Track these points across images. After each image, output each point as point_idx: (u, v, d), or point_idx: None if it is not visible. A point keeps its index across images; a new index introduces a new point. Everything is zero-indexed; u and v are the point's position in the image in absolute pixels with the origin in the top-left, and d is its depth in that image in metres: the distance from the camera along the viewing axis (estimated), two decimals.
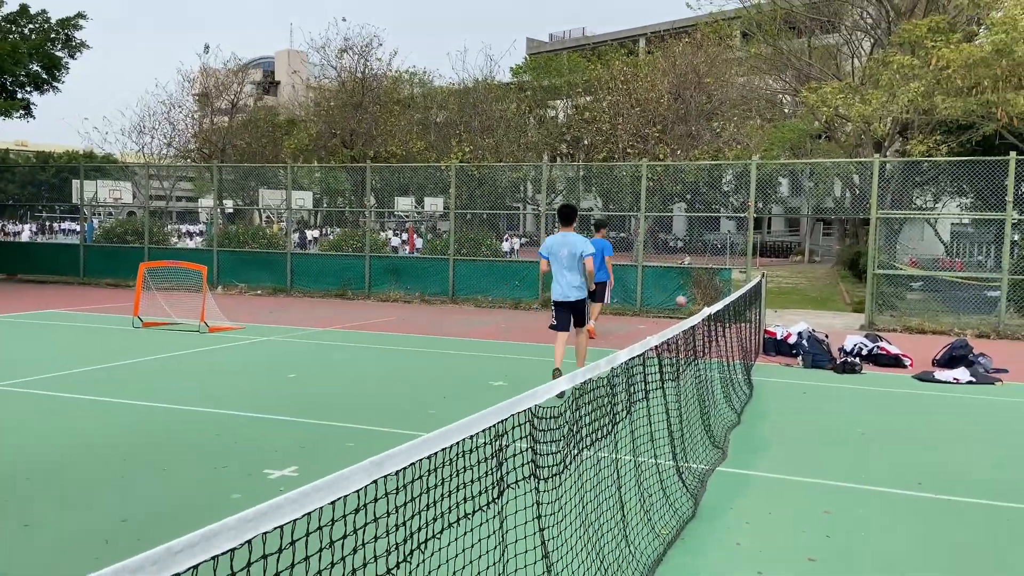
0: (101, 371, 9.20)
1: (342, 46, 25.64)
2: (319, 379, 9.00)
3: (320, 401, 7.83)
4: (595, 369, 3.73)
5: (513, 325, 14.62)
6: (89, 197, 25.73)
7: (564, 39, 72.77)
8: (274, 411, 7.30)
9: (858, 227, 44.06)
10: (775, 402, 8.42)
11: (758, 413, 7.81)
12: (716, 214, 22.02)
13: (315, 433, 6.59)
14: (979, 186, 16.33)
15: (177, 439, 6.38)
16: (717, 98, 22.55)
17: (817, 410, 8.15)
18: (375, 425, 6.87)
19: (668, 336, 5.17)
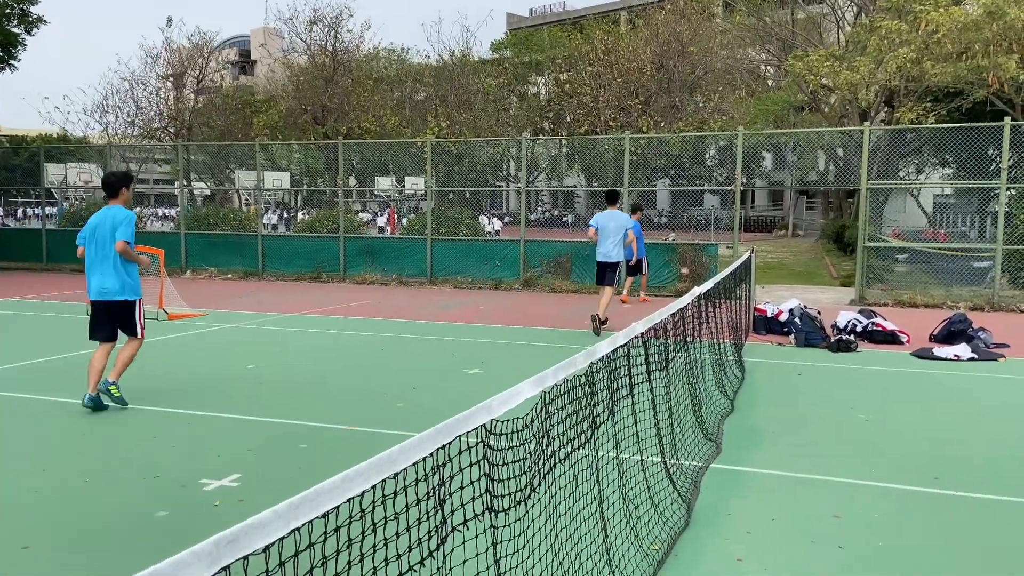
0: (35, 366, 8.50)
1: (311, 18, 24.69)
2: (279, 370, 8.35)
3: (277, 395, 7.18)
4: (570, 366, 3.12)
5: (493, 307, 14.01)
6: (59, 180, 24.77)
7: (545, 14, 71.60)
8: (224, 407, 6.65)
9: (842, 200, 43.68)
10: (769, 385, 7.87)
11: (752, 398, 7.26)
12: (701, 188, 21.44)
13: (266, 432, 5.95)
14: (964, 155, 15.85)
15: (106, 443, 5.73)
16: (701, 68, 21.86)
17: (814, 393, 7.61)
18: (335, 422, 6.24)
19: (655, 321, 4.56)
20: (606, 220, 11.00)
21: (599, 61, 21.63)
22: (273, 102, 26.16)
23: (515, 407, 2.51)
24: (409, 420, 6.27)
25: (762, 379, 8.16)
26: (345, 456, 5.33)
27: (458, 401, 6.90)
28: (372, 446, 5.70)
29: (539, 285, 16.82)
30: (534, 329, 11.42)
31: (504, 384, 2.36)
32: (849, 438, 6.05)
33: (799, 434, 6.14)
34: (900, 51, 18.55)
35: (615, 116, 21.08)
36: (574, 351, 8.61)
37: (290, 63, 26.22)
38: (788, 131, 19.92)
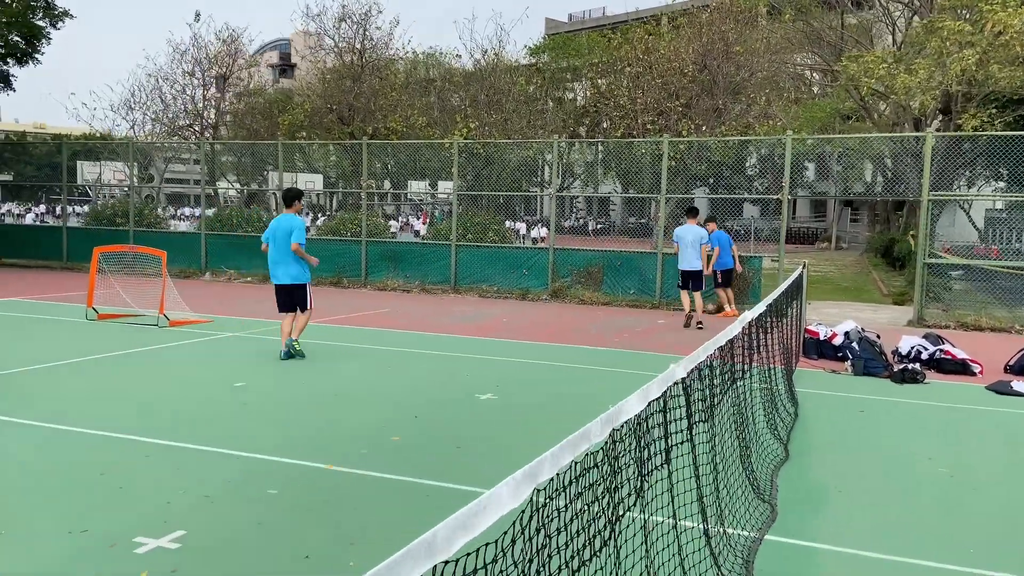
0: (14, 376, 7.75)
1: (340, 14, 24.02)
2: (269, 390, 7.49)
3: (257, 422, 6.32)
4: (580, 442, 2.16)
5: (517, 319, 13.05)
6: (93, 179, 24.50)
7: (584, 19, 70.69)
8: (194, 435, 5.79)
9: (890, 212, 41.93)
10: (827, 425, 6.80)
11: (808, 442, 6.20)
12: (745, 197, 20.30)
13: (234, 471, 5.08)
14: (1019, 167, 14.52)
15: (42, 478, 4.89)
16: (746, 70, 20.67)
17: (881, 437, 6.52)
18: (316, 457, 5.34)
19: (698, 360, 3.57)
20: (686, 233, 12.49)
21: (638, 62, 20.59)
22: (299, 101, 25.59)
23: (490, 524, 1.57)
24: (400, 461, 5.35)
25: (818, 416, 7.08)
26: (315, 510, 4.43)
27: (462, 438, 5.97)
28: (348, 494, 4.77)
29: (568, 296, 15.83)
30: (559, 347, 10.44)
31: (517, 414, 1.56)
32: (931, 500, 4.97)
33: (870, 493, 5.08)
34: (964, 53, 17.19)
35: (653, 120, 20.02)
36: (600, 374, 7.54)
37: (317, 60, 25.64)
38: (842, 136, 18.65)
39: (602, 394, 7.74)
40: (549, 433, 6.28)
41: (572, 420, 6.77)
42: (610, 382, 8.34)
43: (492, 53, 24.24)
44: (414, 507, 4.53)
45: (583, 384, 8.18)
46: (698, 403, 3.60)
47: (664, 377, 2.99)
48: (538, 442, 6.03)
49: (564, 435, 1.82)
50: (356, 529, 4.18)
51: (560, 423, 6.51)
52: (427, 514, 4.41)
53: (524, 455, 5.33)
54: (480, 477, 5.02)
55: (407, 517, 4.36)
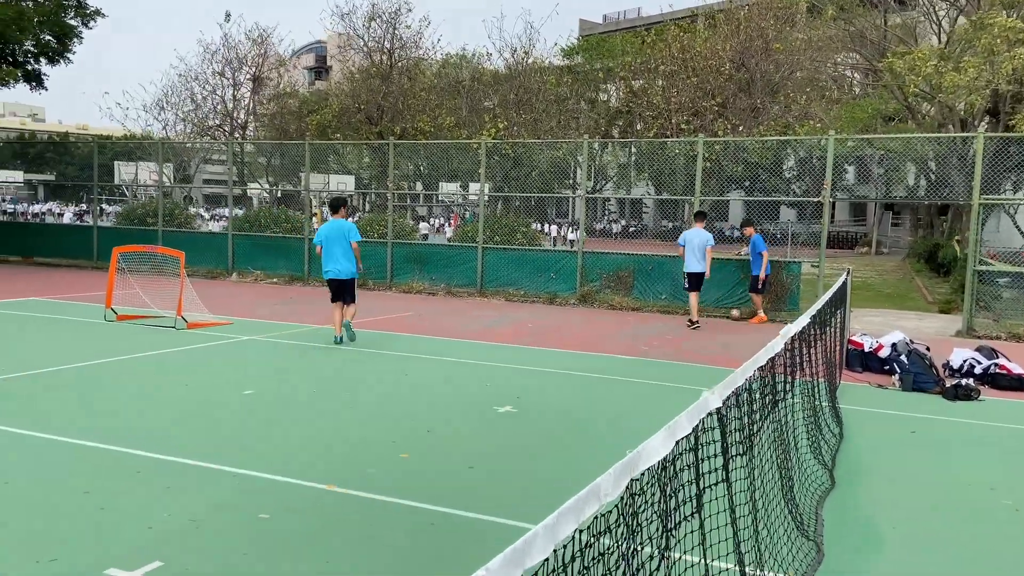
0: (14, 381, 7.52)
1: (370, 13, 23.81)
2: (277, 399, 7.15)
3: (260, 434, 5.96)
4: (591, 498, 1.72)
5: (543, 324, 12.60)
6: (130, 179, 24.64)
7: (619, 20, 70.03)
8: (191, 449, 5.45)
9: (933, 216, 40.59)
10: (875, 448, 6.24)
11: (855, 467, 5.65)
12: (784, 199, 19.59)
13: (227, 490, 4.71)
14: None
15: (19, 499, 4.57)
16: (786, 68, 19.94)
17: (936, 462, 5.95)
18: (317, 476, 4.96)
19: (735, 385, 3.10)
20: (692, 236, 12.76)
21: (673, 60, 19.98)
22: (328, 101, 25.45)
23: None
24: (407, 482, 4.93)
25: (865, 437, 6.52)
26: (306, 539, 4.03)
27: (476, 456, 5.54)
28: (345, 521, 4.30)
29: (597, 301, 15.33)
30: (585, 355, 9.97)
31: (537, 429, 1.21)
32: (995, 538, 4.42)
33: (927, 529, 4.54)
34: (1016, 51, 16.33)
35: (688, 119, 19.40)
36: (628, 386, 7.03)
37: (347, 60, 25.44)
38: (888, 136, 17.86)
39: (629, 408, 7.26)
40: (569, 454, 5.86)
41: (595, 438, 6.34)
42: (638, 394, 7.86)
43: (522, 52, 23.81)
44: (417, 538, 4.11)
45: (609, 397, 7.71)
46: (735, 434, 3.13)
47: (696, 408, 2.52)
48: (556, 464, 5.62)
49: (585, 456, 1.47)
50: (347, 565, 3.78)
51: (582, 442, 6.05)
52: (430, 548, 4.00)
53: (540, 479, 4.86)
54: (490, 503, 4.60)
55: (407, 552, 3.95)
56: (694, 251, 12.71)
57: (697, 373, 9.03)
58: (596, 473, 1.61)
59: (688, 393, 7.97)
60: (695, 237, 12.74)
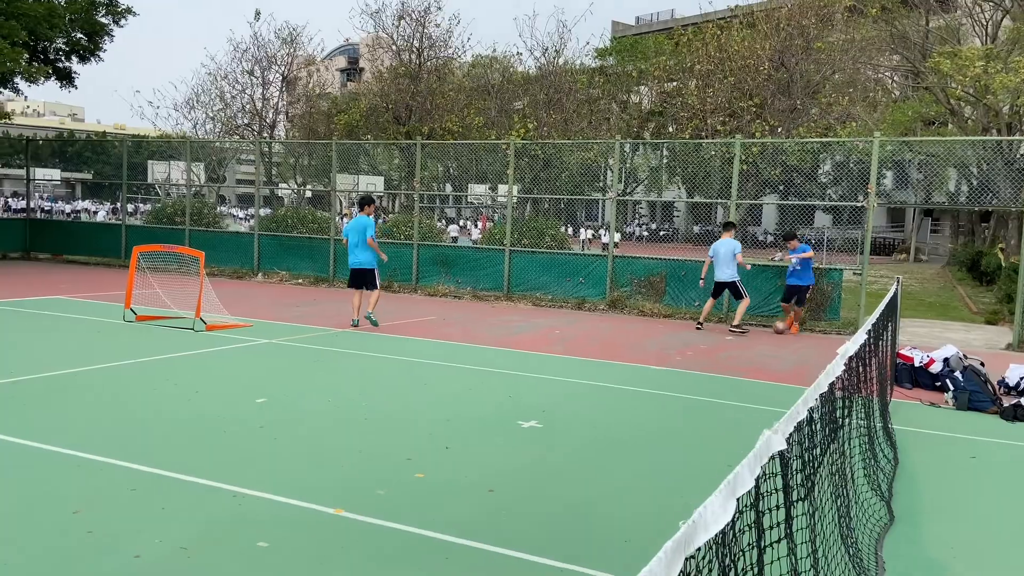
0: (21, 385, 7.26)
1: (399, 12, 23.56)
2: (290, 409, 6.80)
3: (268, 449, 5.60)
4: None
5: (571, 331, 12.15)
6: (163, 178, 24.71)
7: (651, 22, 69.34)
8: (194, 464, 5.10)
9: (975, 223, 39.32)
10: (934, 476, 5.70)
11: (915, 500, 5.13)
12: (822, 203, 18.89)
13: (227, 512, 4.34)
14: None
15: (3, 519, 4.25)
16: (828, 67, 19.25)
17: (1002, 492, 5.40)
18: (324, 499, 4.57)
19: (796, 420, 2.64)
20: (718, 247, 12.83)
21: (709, 59, 19.40)
22: (356, 100, 25.25)
23: None
24: (420, 507, 4.53)
25: (922, 462, 5.99)
26: (308, 574, 3.64)
27: (496, 478, 5.12)
28: (350, 551, 3.79)
29: (627, 307, 14.84)
30: (615, 365, 9.51)
31: (564, 448, 0.91)
32: None
33: (1001, 573, 4.03)
34: None
35: (724, 120, 18.81)
36: (660, 400, 6.49)
37: (375, 59, 25.22)
38: (936, 139, 17.12)
39: (661, 425, 6.79)
40: (599, 475, 5.41)
41: (626, 458, 5.89)
42: (670, 409, 7.38)
43: (553, 51, 23.38)
44: (429, 574, 3.70)
45: (640, 411, 7.25)
46: (797, 475, 2.67)
47: (757, 454, 2.08)
48: (584, 488, 5.18)
49: (617, 479, 1.13)
50: None
51: (612, 462, 5.59)
52: None
53: (566, 505, 4.39)
54: (512, 535, 4.17)
55: None
56: (724, 263, 12.68)
57: (732, 386, 8.52)
58: (627, 498, 1.26)
59: (723, 408, 7.48)
60: (722, 247, 12.73)
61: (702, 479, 5.32)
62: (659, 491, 5.05)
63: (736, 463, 5.43)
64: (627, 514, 4.61)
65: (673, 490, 5.09)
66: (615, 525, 4.42)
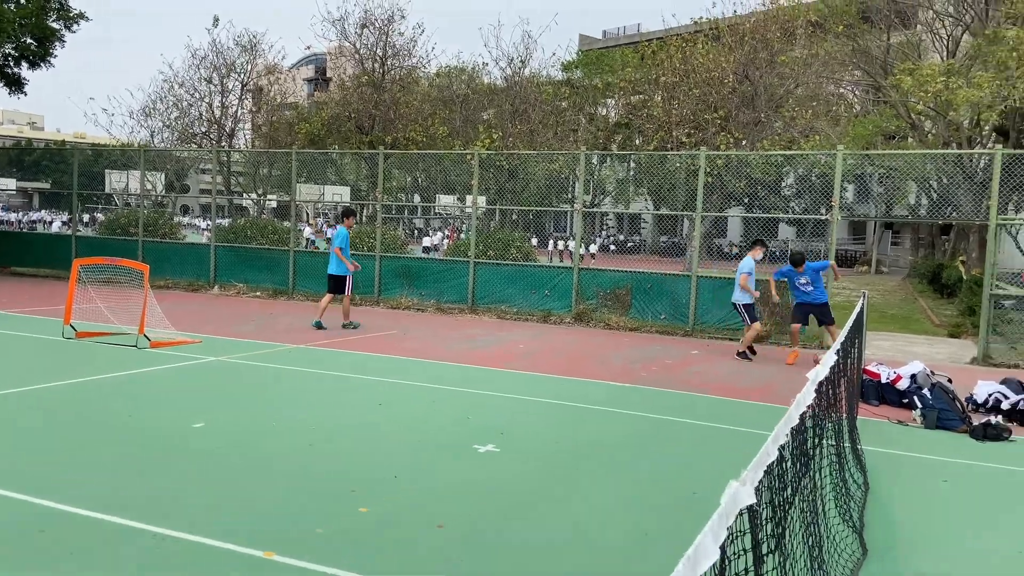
0: None
1: (362, 20, 23.18)
2: (231, 435, 6.37)
3: (195, 484, 5.17)
4: None
5: (536, 345, 11.84)
6: (121, 188, 23.96)
7: (618, 36, 69.83)
8: (108, 504, 4.65)
9: (935, 236, 39.98)
10: (906, 502, 5.47)
11: (887, 529, 4.88)
12: (788, 216, 18.92)
13: (139, 560, 3.92)
14: None
15: None
16: (791, 80, 19.31)
17: (978, 522, 5.17)
18: (256, 540, 4.17)
19: (766, 463, 2.35)
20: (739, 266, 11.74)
21: (674, 71, 19.35)
22: (319, 110, 24.78)
23: None
24: (362, 547, 4.15)
25: (893, 487, 5.76)
26: None
27: (447, 511, 4.75)
28: None
29: (593, 320, 14.59)
30: (579, 382, 9.21)
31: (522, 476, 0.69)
32: None
33: None
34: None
35: (689, 133, 18.75)
36: (626, 420, 6.14)
37: (338, 67, 24.81)
38: (902, 152, 17.20)
39: (628, 448, 6.49)
40: (560, 509, 5.05)
41: (590, 487, 5.56)
42: (637, 431, 7.09)
43: (519, 61, 23.20)
44: None
45: (604, 433, 6.94)
46: (767, 525, 2.38)
47: (723, 514, 1.77)
48: (544, 524, 4.82)
49: (579, 512, 0.91)
50: None
51: (575, 492, 5.25)
52: None
53: (524, 546, 4.02)
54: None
55: None
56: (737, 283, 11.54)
57: (700, 404, 8.27)
58: (588, 533, 1.02)
59: (691, 429, 7.22)
60: (743, 266, 11.53)
61: (669, 509, 5.02)
62: (623, 524, 4.73)
63: (703, 490, 5.13)
64: (589, 551, 4.29)
65: (638, 524, 4.77)
66: (575, 564, 4.09)
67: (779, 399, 8.54)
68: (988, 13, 22.63)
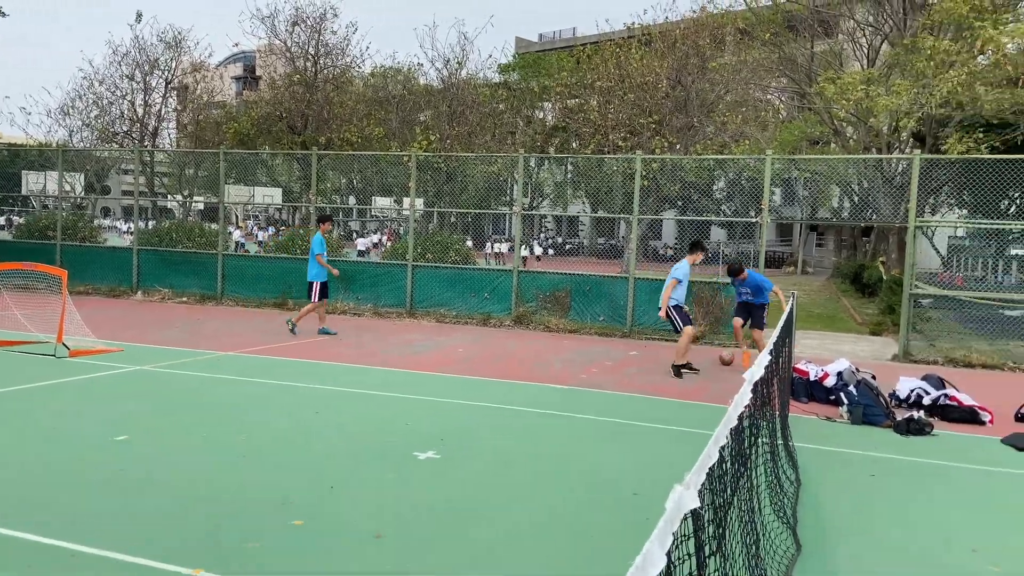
0: None
1: (293, 18, 22.67)
2: (158, 447, 6.11)
3: (121, 500, 4.93)
4: None
5: (475, 350, 11.78)
6: (39, 189, 22.85)
7: (554, 40, 70.41)
8: (25, 523, 4.38)
9: (856, 238, 41.60)
10: (837, 497, 5.62)
11: (819, 525, 5.00)
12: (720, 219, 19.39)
13: (50, 573, 3.71)
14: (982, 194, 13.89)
15: None
16: (721, 86, 19.77)
17: (906, 514, 5.35)
18: (185, 557, 3.99)
19: (710, 462, 2.35)
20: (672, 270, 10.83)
21: (609, 76, 19.58)
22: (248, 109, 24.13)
23: None
24: (295, 561, 4.02)
25: (823, 483, 5.91)
26: None
27: (385, 521, 4.65)
28: None
29: (533, 322, 14.62)
30: (520, 385, 9.19)
31: (463, 482, 0.64)
32: None
33: None
34: (950, 73, 16.40)
35: (625, 137, 19.00)
36: (567, 423, 6.13)
37: (268, 65, 24.25)
38: (828, 157, 17.80)
39: (572, 451, 6.48)
40: (503, 516, 4.98)
41: (533, 493, 5.52)
42: (581, 434, 7.10)
43: (455, 63, 23.09)
44: None
45: (547, 437, 6.92)
46: (709, 528, 2.38)
47: (668, 521, 1.75)
48: (487, 531, 4.74)
49: (523, 518, 0.88)
50: None
51: (518, 498, 5.21)
52: None
53: (466, 554, 3.96)
54: None
55: None
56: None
57: (639, 405, 8.35)
58: (533, 540, 0.99)
59: (631, 430, 7.27)
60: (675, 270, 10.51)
61: (611, 511, 5.03)
62: (566, 527, 4.71)
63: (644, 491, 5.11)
64: (532, 556, 4.25)
65: (580, 527, 4.76)
66: (519, 569, 4.05)
67: (716, 398, 8.70)
68: (906, 23, 23.66)
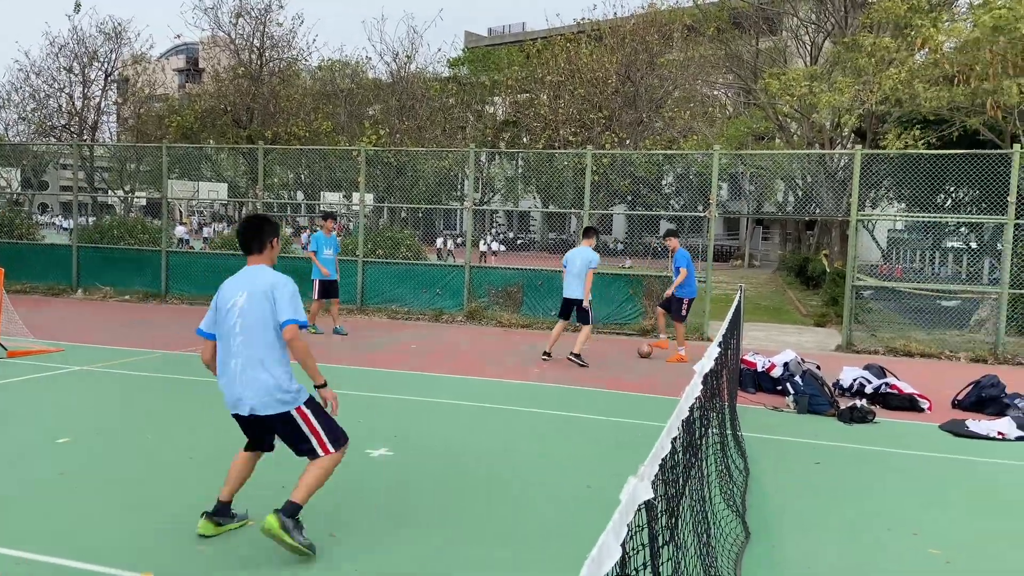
0: None
1: (236, 9, 22.18)
2: (101, 450, 5.94)
3: (65, 503, 4.78)
4: None
5: (428, 345, 11.73)
6: None
7: (503, 34, 70.39)
8: None
9: (801, 231, 42.69)
10: (784, 485, 5.77)
11: (767, 512, 5.13)
12: (669, 213, 19.70)
13: None
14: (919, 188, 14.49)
15: None
16: (670, 82, 20.05)
17: (849, 500, 5.52)
18: (129, 566, 3.89)
19: (658, 460, 2.39)
20: (573, 256, 10.72)
21: (559, 71, 19.67)
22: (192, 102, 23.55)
23: None
24: (249, 563, 3.96)
25: (771, 471, 6.06)
26: None
27: (340, 519, 4.61)
28: None
29: (485, 318, 14.62)
30: (472, 380, 9.19)
31: (417, 479, 0.65)
32: None
33: None
34: (891, 71, 16.90)
35: (575, 131, 19.11)
36: (518, 417, 6.17)
37: (211, 57, 23.69)
38: (776, 152, 18.19)
39: (527, 447, 6.51)
40: (460, 514, 4.99)
41: (490, 489, 5.53)
42: (535, 429, 7.14)
43: (405, 56, 22.89)
44: None
45: (502, 432, 6.94)
46: (662, 519, 2.42)
47: (623, 512, 1.77)
48: (443, 529, 4.74)
49: (481, 515, 0.88)
50: None
51: (474, 495, 5.22)
52: None
53: (421, 554, 3.96)
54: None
55: None
56: (575, 274, 10.48)
57: (591, 399, 8.43)
58: (490, 535, 0.99)
59: (584, 423, 7.33)
60: (577, 257, 10.53)
61: (566, 503, 5.06)
62: (521, 521, 4.73)
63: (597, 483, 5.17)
64: (488, 551, 4.26)
65: (536, 521, 4.79)
66: (475, 565, 4.05)
67: (668, 390, 8.84)
68: (847, 21, 24.33)
